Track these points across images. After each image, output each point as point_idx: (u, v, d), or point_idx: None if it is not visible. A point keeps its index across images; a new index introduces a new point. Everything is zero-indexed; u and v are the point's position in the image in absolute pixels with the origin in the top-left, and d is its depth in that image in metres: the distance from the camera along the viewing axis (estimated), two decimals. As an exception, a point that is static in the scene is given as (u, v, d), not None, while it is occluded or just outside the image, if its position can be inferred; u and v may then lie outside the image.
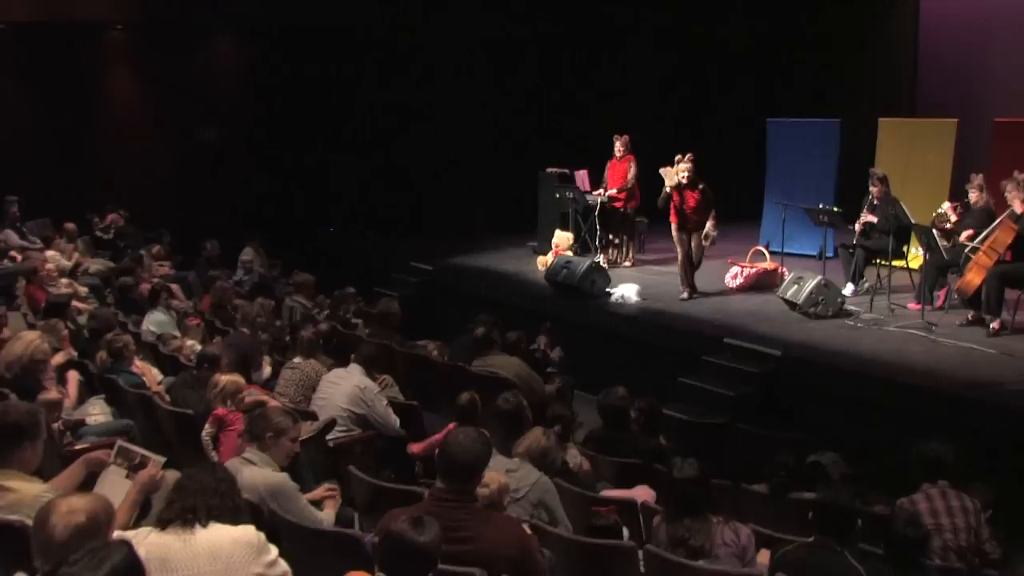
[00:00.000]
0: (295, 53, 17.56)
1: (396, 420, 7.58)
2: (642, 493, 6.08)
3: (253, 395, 7.07)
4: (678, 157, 11.64)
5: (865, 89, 17.86)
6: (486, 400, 6.87)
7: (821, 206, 12.06)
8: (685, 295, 11.88)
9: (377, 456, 7.41)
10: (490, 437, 6.31)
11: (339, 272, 13.80)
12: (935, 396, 8.25)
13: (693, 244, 11.72)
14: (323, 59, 17.50)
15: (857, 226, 11.82)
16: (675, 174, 11.52)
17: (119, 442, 5.18)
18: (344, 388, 7.50)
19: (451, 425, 6.40)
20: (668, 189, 11.58)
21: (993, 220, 10.22)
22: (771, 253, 12.95)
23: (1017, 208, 9.78)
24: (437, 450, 4.79)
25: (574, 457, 6.71)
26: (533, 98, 17.95)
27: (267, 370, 8.89)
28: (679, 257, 11.93)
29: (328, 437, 7.09)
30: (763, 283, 12.38)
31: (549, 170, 15.10)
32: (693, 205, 11.58)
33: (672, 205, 11.69)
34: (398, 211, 17.70)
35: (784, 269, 12.35)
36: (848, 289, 11.71)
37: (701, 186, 11.55)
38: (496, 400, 6.60)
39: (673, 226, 11.82)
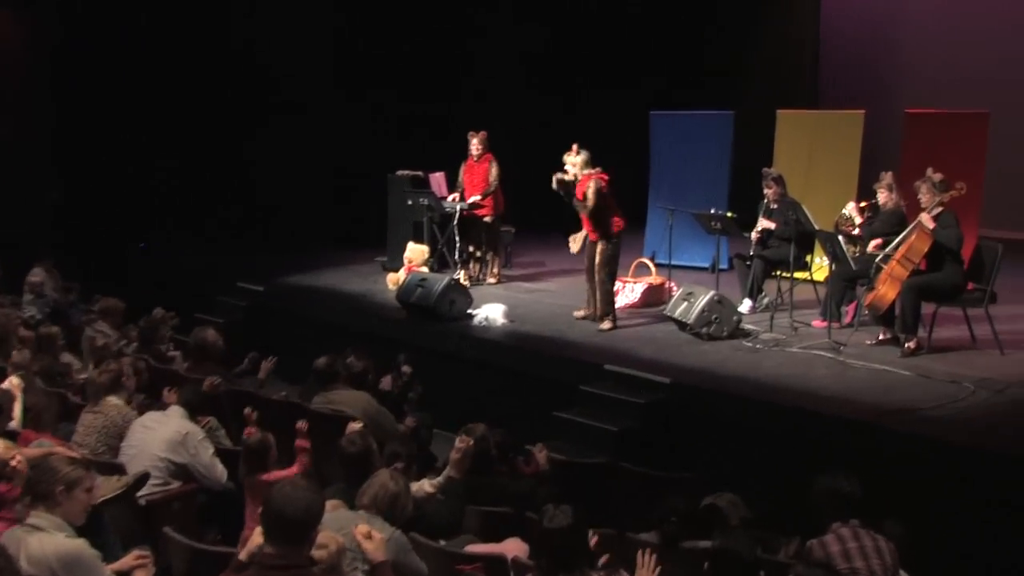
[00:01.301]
0: (97, 29, 17.05)
1: (223, 470, 7.46)
2: (513, 547, 6.07)
3: (44, 445, 6.85)
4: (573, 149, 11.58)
5: (762, 78, 18.34)
6: (330, 442, 6.81)
7: (713, 211, 12.29)
8: (580, 314, 11.94)
9: (199, 514, 7.29)
10: (332, 486, 6.32)
11: (153, 296, 13.47)
12: (845, 425, 8.47)
13: (597, 257, 11.54)
14: (130, 40, 17.07)
15: (754, 234, 12.08)
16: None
17: None
18: (161, 434, 7.37)
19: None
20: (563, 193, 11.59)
21: (904, 224, 10.54)
22: (657, 266, 13.16)
23: (927, 223, 10.04)
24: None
25: (421, 488, 6.69)
26: (380, 89, 17.89)
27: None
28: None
29: (139, 493, 6.93)
30: (649, 300, 12.56)
31: (399, 173, 15.06)
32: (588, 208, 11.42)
33: None
34: (225, 221, 17.41)
35: (672, 284, 12.55)
36: (745, 306, 11.96)
37: (592, 185, 11.28)
38: (340, 441, 6.56)
39: None
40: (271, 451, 6.94)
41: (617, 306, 12.15)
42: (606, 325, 11.55)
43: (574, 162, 11.46)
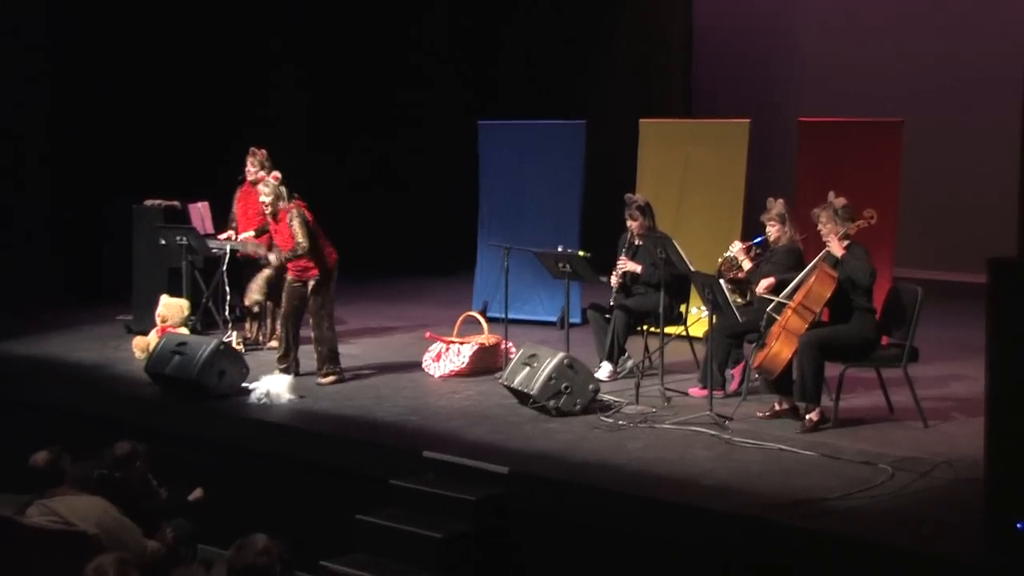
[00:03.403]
0: None
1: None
2: None
3: None
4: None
5: (621, 81, 18.59)
6: (55, 568, 6.59)
7: (560, 249, 12.32)
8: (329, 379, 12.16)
9: None
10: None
11: None
12: (733, 522, 8.51)
13: (313, 298, 12.10)
14: None
15: (613, 278, 12.14)
16: None
17: None
18: None
19: None
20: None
21: (802, 263, 10.71)
22: (489, 321, 13.16)
23: (836, 248, 10.24)
24: None
25: None
26: (122, 98, 17.65)
27: None
28: None
29: None
30: (479, 366, 12.53)
31: (148, 202, 14.83)
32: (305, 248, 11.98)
33: None
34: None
35: (509, 344, 12.56)
36: (603, 371, 12.01)
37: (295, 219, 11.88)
38: (86, 570, 6.31)
39: None
40: None
41: (440, 373, 12.21)
42: (327, 379, 12.13)
43: (267, 201, 12.10)
